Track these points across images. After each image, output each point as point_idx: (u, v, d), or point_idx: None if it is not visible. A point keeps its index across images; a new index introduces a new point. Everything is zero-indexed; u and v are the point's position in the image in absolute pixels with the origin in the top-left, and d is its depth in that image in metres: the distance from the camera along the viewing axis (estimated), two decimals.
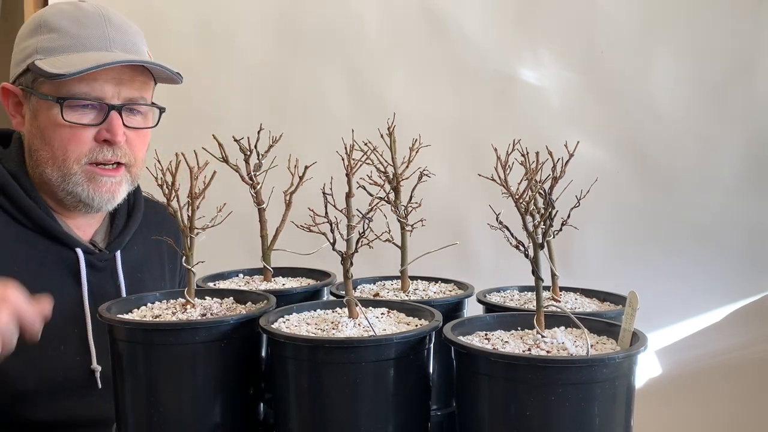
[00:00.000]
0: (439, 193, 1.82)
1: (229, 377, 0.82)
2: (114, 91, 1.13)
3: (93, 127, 1.13)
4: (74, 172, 1.14)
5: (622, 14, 1.77)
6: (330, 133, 1.88)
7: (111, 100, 1.13)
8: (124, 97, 1.15)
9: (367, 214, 0.83)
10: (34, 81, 1.14)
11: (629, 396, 0.72)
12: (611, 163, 1.79)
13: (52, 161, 1.14)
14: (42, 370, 1.13)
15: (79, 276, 1.17)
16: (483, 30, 1.86)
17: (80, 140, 1.13)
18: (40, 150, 1.15)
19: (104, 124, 1.13)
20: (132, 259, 1.26)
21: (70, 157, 1.13)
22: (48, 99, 1.11)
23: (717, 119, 1.72)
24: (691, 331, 1.77)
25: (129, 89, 1.15)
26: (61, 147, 1.13)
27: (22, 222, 1.15)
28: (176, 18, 2.08)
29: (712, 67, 1.72)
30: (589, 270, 1.79)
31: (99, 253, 1.21)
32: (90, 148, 1.13)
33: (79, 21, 1.14)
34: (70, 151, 1.13)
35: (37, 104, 1.14)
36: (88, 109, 1.13)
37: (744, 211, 1.71)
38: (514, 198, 0.81)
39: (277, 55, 2.02)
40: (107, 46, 1.14)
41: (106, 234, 1.27)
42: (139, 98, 1.17)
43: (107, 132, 1.13)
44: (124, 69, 1.14)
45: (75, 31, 1.13)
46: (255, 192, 1.05)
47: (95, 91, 1.12)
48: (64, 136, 1.12)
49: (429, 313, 0.85)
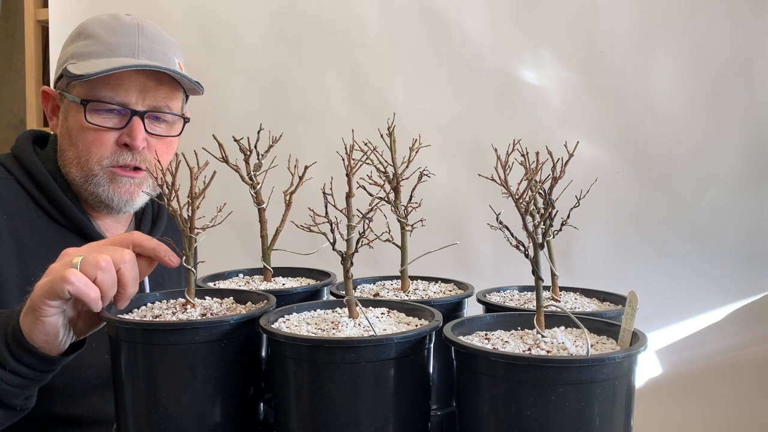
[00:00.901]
0: (439, 193, 1.82)
1: (229, 377, 0.82)
2: (138, 97, 1.18)
3: (115, 131, 1.18)
4: (96, 173, 1.18)
5: (622, 14, 1.77)
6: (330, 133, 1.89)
7: (135, 105, 1.18)
8: (149, 104, 1.19)
9: (367, 214, 0.83)
10: (67, 85, 1.19)
11: (629, 396, 0.72)
12: (611, 163, 1.79)
13: (76, 162, 1.19)
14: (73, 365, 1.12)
15: None
16: (483, 30, 1.86)
17: (102, 143, 1.17)
18: (67, 150, 1.20)
19: (126, 128, 1.18)
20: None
21: (92, 159, 1.18)
22: (75, 101, 1.17)
23: (717, 119, 1.72)
24: (691, 331, 1.77)
25: (154, 97, 1.19)
26: (85, 148, 1.18)
27: (58, 220, 1.20)
28: (176, 18, 2.08)
29: (712, 67, 1.72)
30: (589, 270, 1.80)
31: None
32: (111, 151, 1.18)
33: (113, 29, 1.20)
34: (92, 152, 1.18)
35: (68, 106, 1.20)
36: (112, 114, 1.18)
37: (744, 211, 1.71)
38: (514, 198, 0.81)
39: (277, 55, 2.02)
40: (135, 53, 1.19)
41: None
42: (164, 107, 1.21)
43: (128, 136, 1.17)
44: (150, 77, 1.19)
45: (107, 38, 1.19)
46: (255, 192, 1.05)
47: (119, 96, 1.16)
48: (89, 138, 1.17)
49: (429, 313, 0.85)
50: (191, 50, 2.06)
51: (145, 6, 2.07)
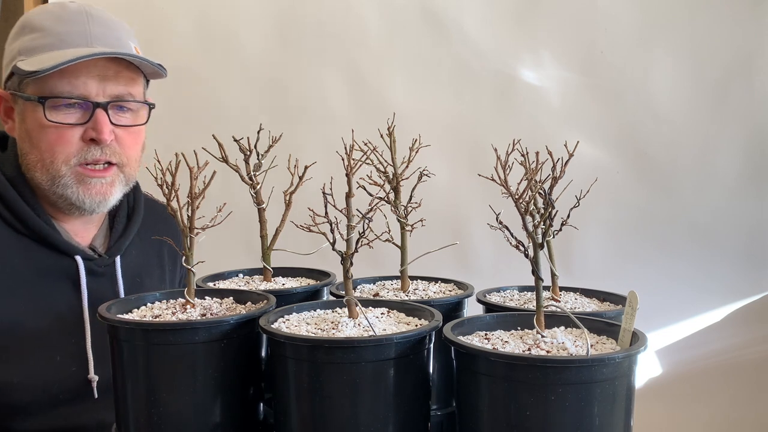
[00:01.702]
0: (439, 193, 1.82)
1: (229, 377, 0.82)
2: (99, 88, 1.10)
3: (79, 127, 1.10)
4: (63, 174, 1.10)
5: (622, 14, 1.77)
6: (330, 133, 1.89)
7: (96, 97, 1.10)
8: (110, 94, 1.11)
9: (367, 214, 0.83)
10: (20, 83, 1.11)
11: (629, 396, 0.72)
12: (611, 163, 1.79)
13: (40, 164, 1.11)
14: (37, 380, 1.10)
15: (79, 284, 1.14)
16: (483, 30, 1.86)
17: (67, 141, 1.09)
18: (29, 154, 1.12)
19: (90, 122, 1.10)
20: (131, 264, 1.24)
21: (57, 159, 1.10)
22: (31, 100, 1.09)
23: (717, 119, 1.72)
24: (691, 331, 1.77)
25: (115, 85, 1.11)
26: (48, 149, 1.09)
27: (20, 230, 1.12)
28: (176, 18, 2.08)
29: (712, 67, 1.72)
30: (589, 270, 1.80)
31: (99, 258, 1.19)
32: (77, 149, 1.10)
33: (60, 19, 1.11)
34: (57, 152, 1.09)
35: (23, 107, 1.11)
36: (73, 109, 1.10)
37: (744, 211, 1.71)
38: (513, 198, 0.81)
39: (277, 55, 2.02)
40: (88, 42, 1.10)
41: (105, 238, 1.24)
42: (126, 94, 1.13)
43: (93, 131, 1.09)
44: (108, 65, 1.10)
45: (56, 28, 1.10)
46: (255, 192, 1.05)
47: (78, 89, 1.08)
48: (50, 137, 1.09)
49: (429, 313, 0.85)
50: (191, 50, 2.07)
51: (145, 6, 2.07)
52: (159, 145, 1.17)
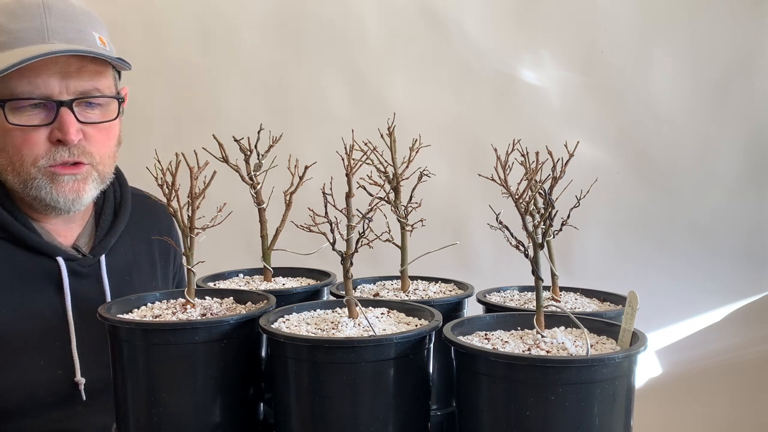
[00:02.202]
0: (439, 193, 1.82)
1: (229, 377, 0.82)
2: (61, 85, 1.04)
3: (44, 128, 1.04)
4: (34, 176, 1.06)
5: (622, 14, 1.77)
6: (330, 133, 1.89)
7: (59, 96, 1.04)
8: (74, 91, 1.05)
9: (367, 214, 0.83)
10: None
11: (629, 396, 0.72)
12: (611, 163, 1.79)
13: (11, 168, 1.06)
14: (23, 385, 1.07)
15: (62, 286, 1.10)
16: (483, 30, 1.86)
17: (33, 143, 1.04)
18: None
19: (55, 122, 1.04)
20: (119, 263, 1.20)
21: (26, 162, 1.05)
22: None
23: (717, 119, 1.72)
24: (691, 331, 1.77)
25: (78, 81, 1.05)
26: (16, 152, 1.05)
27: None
28: (176, 17, 2.08)
29: (712, 67, 1.72)
30: (589, 270, 1.80)
31: (82, 258, 1.14)
32: (45, 150, 1.05)
33: (15, 15, 1.05)
34: (24, 155, 1.05)
35: None
36: (37, 109, 1.04)
37: (744, 211, 1.72)
38: (513, 198, 0.81)
39: (277, 55, 2.02)
40: (45, 37, 1.04)
41: (90, 237, 1.19)
42: (92, 90, 1.07)
43: (59, 131, 1.04)
44: (70, 60, 1.04)
45: (10, 26, 1.04)
46: (255, 192, 1.05)
47: (39, 88, 1.03)
48: (16, 140, 1.04)
49: (429, 313, 0.85)
50: (191, 50, 2.07)
51: (145, 6, 2.07)
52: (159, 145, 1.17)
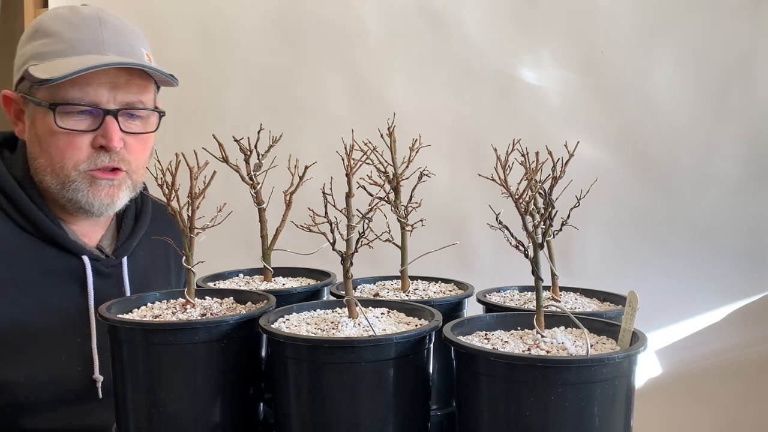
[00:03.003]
0: (439, 193, 1.82)
1: (229, 377, 0.82)
2: (109, 95, 1.10)
3: (89, 134, 1.10)
4: (73, 179, 1.11)
5: (622, 14, 1.76)
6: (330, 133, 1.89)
7: (106, 104, 1.10)
8: (121, 102, 1.12)
9: (367, 214, 0.83)
10: (31, 87, 1.12)
11: (629, 396, 0.72)
12: (611, 163, 1.79)
13: (50, 169, 1.12)
14: (41, 381, 1.11)
15: (86, 284, 1.15)
16: (483, 30, 1.86)
17: (76, 147, 1.10)
18: (38, 158, 1.13)
19: (100, 129, 1.10)
20: (138, 266, 1.25)
21: (67, 165, 1.11)
22: (42, 105, 1.09)
23: (717, 119, 1.72)
24: (691, 331, 1.77)
25: (125, 93, 1.12)
26: (59, 154, 1.10)
27: (28, 230, 1.13)
28: (176, 18, 2.08)
29: (712, 67, 1.72)
30: (589, 270, 1.79)
31: (105, 259, 1.20)
32: (87, 155, 1.11)
33: (73, 24, 1.12)
34: (67, 158, 1.10)
35: (34, 111, 1.12)
36: (84, 115, 1.10)
37: (744, 211, 1.71)
38: (513, 198, 0.81)
39: (277, 55, 2.02)
40: (100, 49, 1.11)
41: (112, 239, 1.25)
42: (137, 102, 1.14)
43: (103, 138, 1.10)
44: (119, 72, 1.11)
45: (68, 35, 1.11)
46: (255, 192, 1.05)
47: (89, 96, 1.09)
48: (60, 143, 1.10)
49: (429, 313, 0.85)
50: (191, 50, 2.07)
51: (145, 6, 2.07)
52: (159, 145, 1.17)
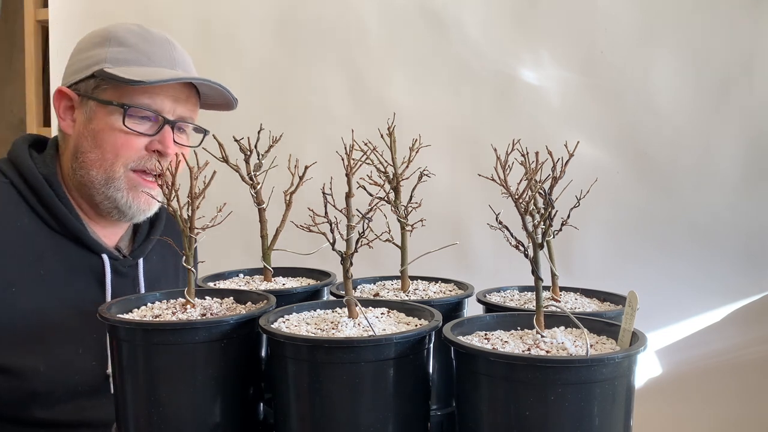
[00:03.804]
0: (439, 193, 1.82)
1: (229, 377, 0.82)
2: (171, 107, 1.21)
3: (146, 137, 1.19)
4: (119, 176, 1.19)
5: (622, 14, 1.76)
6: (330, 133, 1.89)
7: (168, 114, 1.21)
8: (178, 115, 1.22)
9: (367, 214, 0.83)
10: (96, 87, 1.19)
11: (629, 396, 0.72)
12: (611, 163, 1.79)
13: (99, 163, 1.19)
14: (58, 372, 1.15)
15: (104, 281, 1.21)
16: (483, 30, 1.86)
17: (132, 147, 1.18)
18: (88, 152, 1.19)
19: (158, 135, 1.20)
20: (152, 268, 1.31)
21: (118, 161, 1.18)
22: (112, 104, 1.18)
23: (717, 119, 1.72)
24: (691, 331, 1.77)
25: (184, 108, 1.23)
26: (113, 150, 1.18)
27: (52, 226, 1.19)
28: (176, 18, 2.08)
29: (712, 67, 1.71)
30: (589, 270, 1.79)
31: (123, 259, 1.26)
32: (139, 156, 1.19)
33: (146, 39, 1.22)
34: (120, 155, 1.18)
35: (95, 108, 1.19)
36: (146, 120, 1.19)
37: (744, 211, 1.71)
38: (513, 198, 0.81)
39: (277, 55, 2.02)
40: (173, 65, 1.22)
41: (129, 241, 1.32)
42: (189, 118, 1.25)
43: (160, 143, 1.19)
44: (182, 88, 1.22)
45: (143, 47, 1.21)
46: (255, 192, 1.05)
47: (156, 104, 1.19)
48: (119, 140, 1.18)
49: (429, 313, 0.85)
50: (191, 50, 2.06)
51: (145, 6, 2.07)
52: None
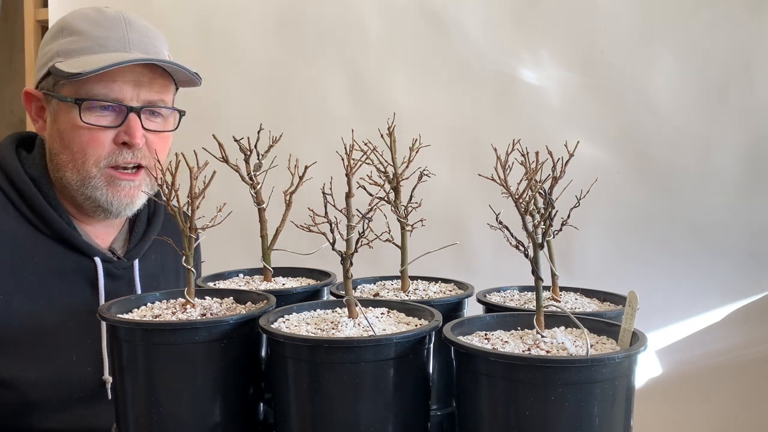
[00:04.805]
0: (439, 193, 1.82)
1: (229, 377, 0.82)
2: (133, 93, 1.13)
3: (112, 130, 1.13)
4: (93, 175, 1.13)
5: (622, 14, 1.76)
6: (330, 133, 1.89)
7: (130, 102, 1.13)
8: (144, 100, 1.15)
9: (367, 214, 0.83)
10: (55, 84, 1.14)
11: (629, 396, 0.72)
12: (611, 163, 1.79)
13: (71, 164, 1.14)
14: (53, 379, 1.12)
15: (97, 285, 1.17)
16: (483, 30, 1.86)
17: (99, 143, 1.12)
18: (60, 154, 1.14)
19: (123, 126, 1.13)
20: (149, 268, 1.26)
21: (89, 160, 1.13)
22: (67, 101, 1.11)
23: (717, 119, 1.72)
24: (691, 331, 1.77)
25: (148, 92, 1.15)
26: (81, 150, 1.12)
27: (41, 229, 1.15)
28: (176, 17, 2.08)
29: (712, 67, 1.72)
30: (589, 270, 1.79)
31: (117, 261, 1.21)
32: (109, 151, 1.13)
33: (99, 24, 1.14)
34: (89, 153, 1.13)
35: (57, 107, 1.14)
36: (107, 111, 1.13)
37: (744, 211, 1.71)
38: (513, 198, 0.81)
39: (277, 55, 2.02)
40: (126, 47, 1.14)
41: (125, 242, 1.27)
42: (159, 101, 1.17)
43: (126, 134, 1.13)
44: (143, 71, 1.14)
45: (95, 33, 1.13)
46: (255, 192, 1.05)
47: (114, 92, 1.12)
48: (83, 138, 1.12)
49: (429, 313, 0.85)
50: (191, 50, 2.06)
51: (145, 5, 2.06)
52: None
